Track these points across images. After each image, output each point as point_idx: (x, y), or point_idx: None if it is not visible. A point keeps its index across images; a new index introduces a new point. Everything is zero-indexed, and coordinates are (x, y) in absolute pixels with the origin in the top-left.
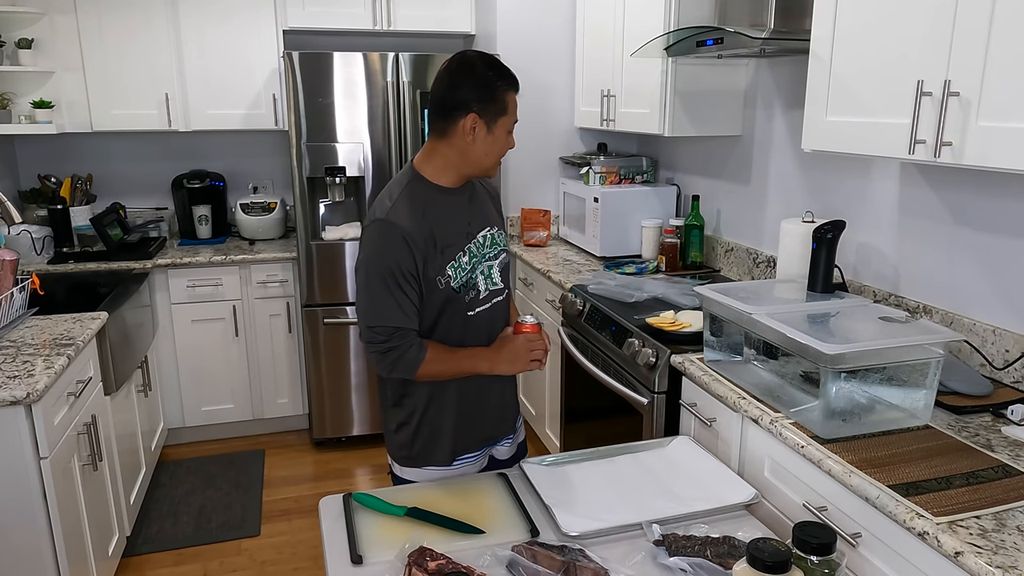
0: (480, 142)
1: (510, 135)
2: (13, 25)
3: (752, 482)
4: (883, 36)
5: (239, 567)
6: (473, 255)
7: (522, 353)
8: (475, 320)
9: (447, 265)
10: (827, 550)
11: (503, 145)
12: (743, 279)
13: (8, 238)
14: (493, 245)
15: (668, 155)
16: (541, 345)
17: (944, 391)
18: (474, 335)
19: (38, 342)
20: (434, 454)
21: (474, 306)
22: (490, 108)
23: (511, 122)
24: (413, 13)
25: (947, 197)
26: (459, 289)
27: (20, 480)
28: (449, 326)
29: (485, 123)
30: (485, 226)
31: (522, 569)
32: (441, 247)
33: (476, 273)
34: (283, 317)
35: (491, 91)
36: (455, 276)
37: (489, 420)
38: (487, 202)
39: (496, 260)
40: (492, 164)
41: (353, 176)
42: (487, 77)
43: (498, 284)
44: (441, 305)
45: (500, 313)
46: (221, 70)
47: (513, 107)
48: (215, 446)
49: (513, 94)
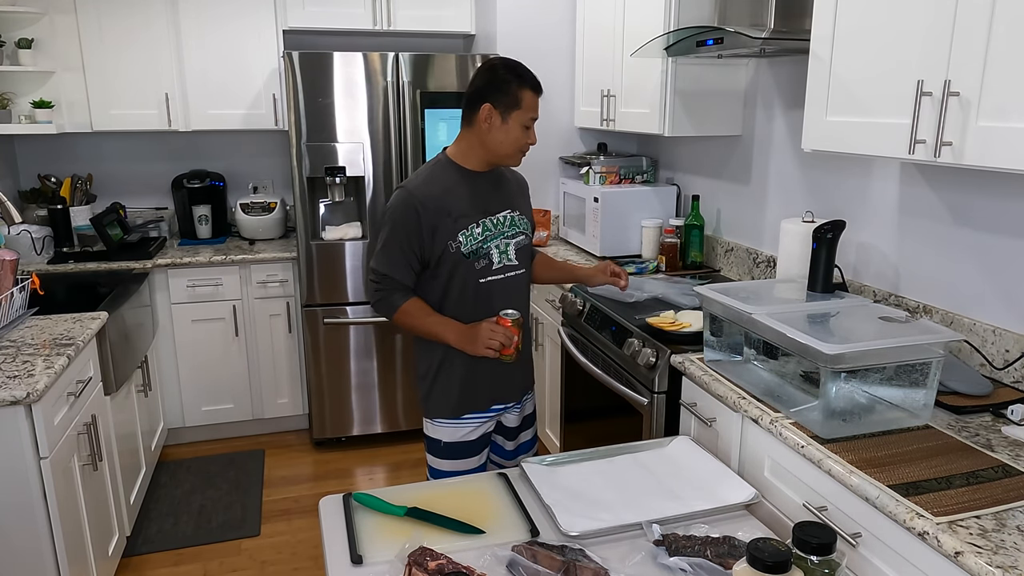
0: (496, 131)
1: (528, 130)
2: (13, 25)
3: (752, 482)
4: (883, 36)
5: (239, 567)
6: (488, 229)
7: (480, 338)
8: (487, 288)
9: (459, 232)
10: (827, 550)
11: (518, 137)
12: (743, 279)
13: (8, 238)
14: (512, 226)
15: (668, 155)
16: (499, 337)
17: (944, 391)
18: (486, 303)
19: (38, 342)
20: (443, 407)
21: (486, 274)
22: (503, 101)
23: (526, 116)
24: (413, 13)
25: (947, 197)
26: (468, 255)
27: (20, 480)
28: (462, 288)
29: (500, 114)
30: (506, 208)
31: (522, 569)
32: (455, 216)
33: (490, 245)
34: (283, 317)
35: (505, 86)
36: (465, 243)
37: (496, 384)
38: (515, 191)
39: (513, 240)
40: (509, 152)
41: (353, 176)
42: (503, 75)
43: (513, 261)
44: (452, 267)
45: (516, 288)
46: (221, 70)
47: (529, 104)
48: (215, 446)
49: (528, 92)
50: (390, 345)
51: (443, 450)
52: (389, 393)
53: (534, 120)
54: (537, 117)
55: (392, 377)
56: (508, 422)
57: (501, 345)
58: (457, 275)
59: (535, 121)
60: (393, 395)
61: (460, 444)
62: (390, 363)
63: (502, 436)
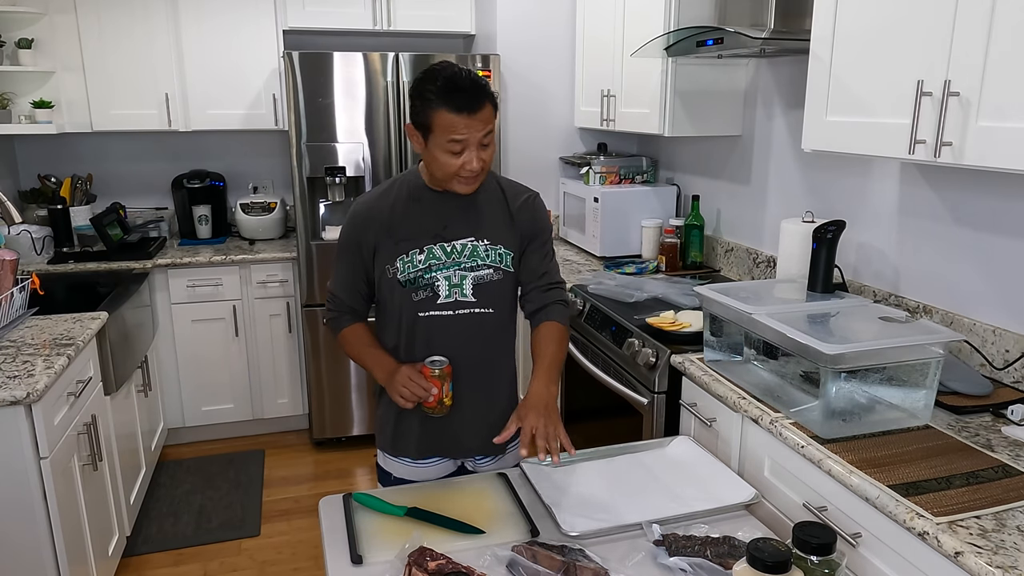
0: (424, 152)
1: (455, 156)
2: (13, 25)
3: (752, 482)
4: (883, 36)
5: (239, 567)
6: (434, 257)
7: (394, 384)
8: (429, 323)
9: (397, 257)
10: (827, 550)
11: (445, 162)
12: (743, 279)
13: (8, 238)
14: (472, 257)
15: (668, 155)
16: (414, 388)
17: (944, 391)
18: (423, 339)
19: (38, 342)
20: (382, 440)
21: (427, 308)
22: (417, 120)
23: (443, 139)
24: (413, 13)
25: (947, 197)
26: (405, 284)
27: (20, 480)
28: (398, 319)
29: (420, 135)
30: (469, 236)
31: (522, 569)
32: (397, 238)
33: (435, 275)
34: (283, 317)
35: (416, 103)
36: (402, 270)
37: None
38: (497, 219)
39: (472, 272)
40: (442, 177)
41: (353, 176)
42: (417, 88)
43: (468, 297)
44: (388, 294)
45: (473, 328)
46: (221, 70)
47: (443, 124)
48: (215, 446)
49: (442, 111)
50: None
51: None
52: None
53: (461, 143)
54: (464, 139)
55: None
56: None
57: (414, 396)
58: (393, 303)
59: (469, 143)
60: None
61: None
62: None
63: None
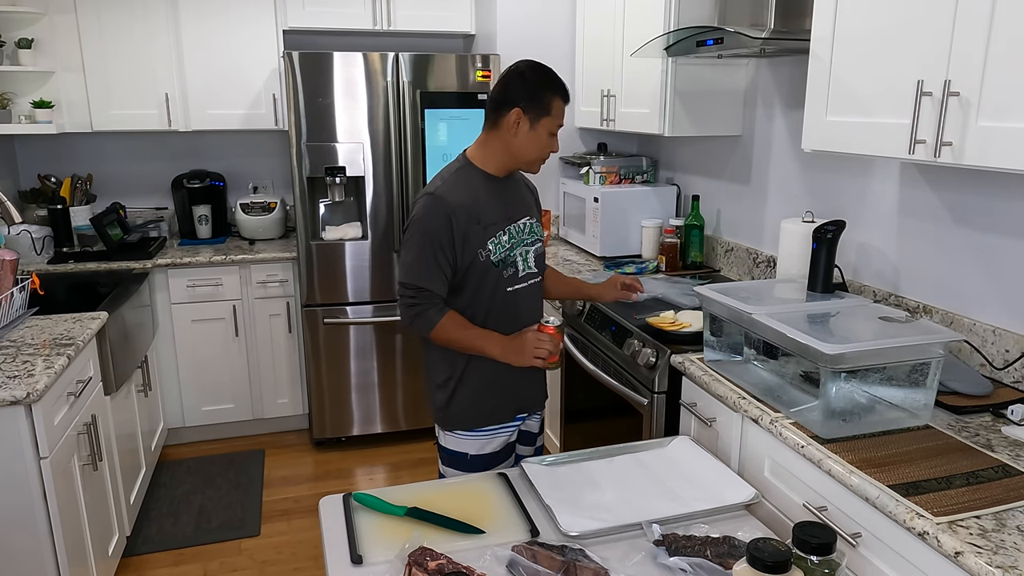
0: (522, 136)
1: (553, 137)
2: (13, 25)
3: (752, 482)
4: (883, 36)
5: (239, 567)
6: (513, 236)
7: (528, 348)
8: (512, 297)
9: (488, 240)
10: (827, 550)
11: (544, 143)
12: (743, 279)
13: (8, 238)
14: (531, 233)
15: (668, 155)
16: (547, 346)
17: (944, 391)
18: (511, 312)
19: (38, 342)
20: (467, 419)
21: (512, 283)
22: (534, 107)
23: (554, 124)
24: (413, 13)
25: (947, 197)
26: (498, 263)
27: (20, 480)
28: (490, 298)
29: (529, 120)
30: (525, 215)
31: (522, 569)
32: (484, 224)
33: (515, 253)
34: (283, 317)
35: (537, 91)
36: (495, 251)
37: (521, 392)
38: (528, 196)
39: (532, 247)
40: (533, 159)
41: (353, 176)
42: (535, 81)
43: (533, 268)
44: (481, 277)
45: (535, 296)
46: (221, 70)
47: (557, 111)
48: (215, 446)
49: (559, 100)
50: (390, 345)
51: (469, 463)
52: (389, 393)
53: (560, 128)
54: (563, 124)
55: (392, 377)
56: (531, 427)
57: (549, 353)
58: (485, 285)
59: (560, 128)
60: (393, 395)
61: (487, 456)
62: (390, 363)
63: (522, 444)
